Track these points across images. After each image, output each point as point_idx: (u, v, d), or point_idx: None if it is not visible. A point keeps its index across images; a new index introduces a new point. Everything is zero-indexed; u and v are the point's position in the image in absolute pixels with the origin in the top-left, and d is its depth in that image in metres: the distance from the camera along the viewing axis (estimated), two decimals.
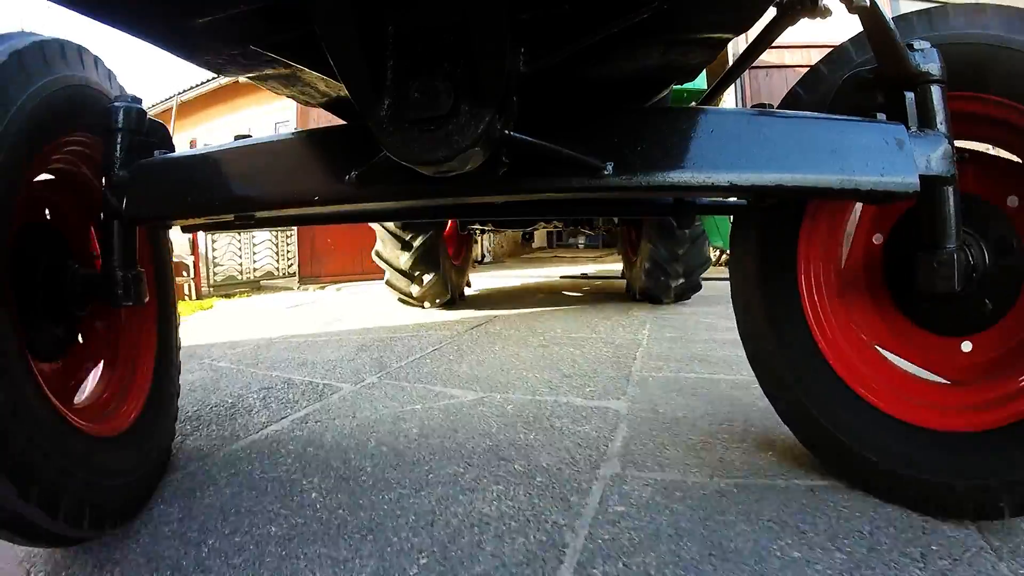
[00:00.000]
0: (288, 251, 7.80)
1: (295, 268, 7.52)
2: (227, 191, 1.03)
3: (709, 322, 3.25)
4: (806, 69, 1.24)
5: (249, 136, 1.12)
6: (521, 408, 1.70)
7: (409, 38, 0.77)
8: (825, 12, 1.10)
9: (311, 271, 7.35)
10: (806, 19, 1.16)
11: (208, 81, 11.37)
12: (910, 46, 1.00)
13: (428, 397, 1.86)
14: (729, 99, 6.35)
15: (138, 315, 1.35)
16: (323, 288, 6.69)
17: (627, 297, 4.46)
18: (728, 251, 6.47)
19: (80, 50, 1.10)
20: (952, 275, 0.96)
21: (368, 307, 4.69)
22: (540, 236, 11.98)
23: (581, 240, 12.29)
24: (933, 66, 0.98)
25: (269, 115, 10.86)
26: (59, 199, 1.19)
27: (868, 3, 0.98)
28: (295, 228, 7.43)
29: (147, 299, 1.13)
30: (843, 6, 1.02)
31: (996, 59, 1.00)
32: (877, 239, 1.23)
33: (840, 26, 1.16)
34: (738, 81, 5.65)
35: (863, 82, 1.06)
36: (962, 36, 1.03)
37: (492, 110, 0.73)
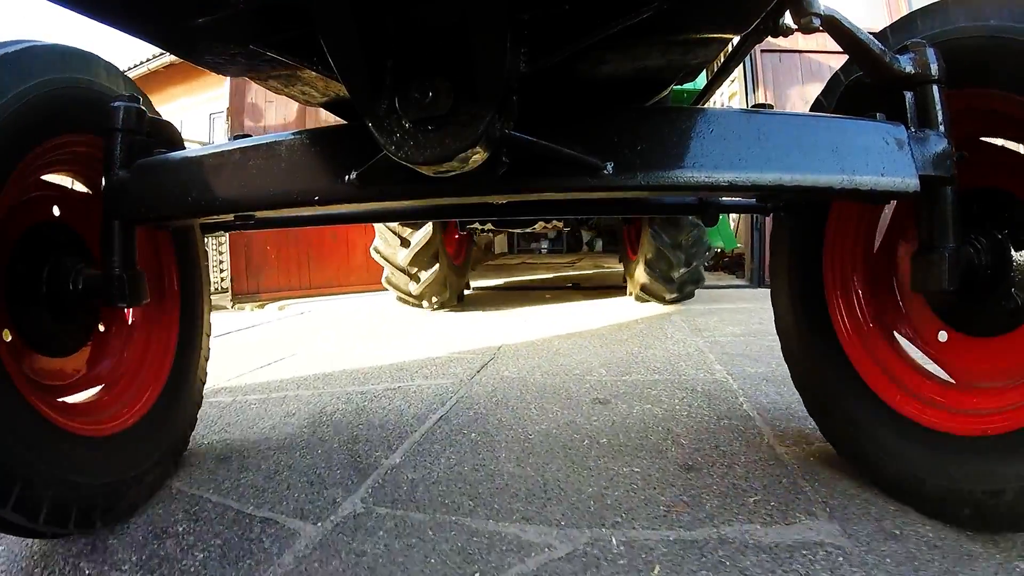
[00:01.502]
0: (220, 262, 6.11)
1: (228, 283, 5.93)
2: (227, 191, 1.02)
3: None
4: (820, 55, 1.25)
5: (249, 136, 1.12)
6: (679, 572, 0.89)
7: (409, 38, 0.77)
8: (788, 31, 1.11)
9: (247, 286, 5.84)
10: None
11: (136, 66, 10.00)
12: (904, 48, 1.00)
13: (479, 556, 0.95)
14: (738, 82, 6.28)
15: (156, 318, 1.35)
16: (262, 307, 5.34)
17: (640, 307, 4.13)
18: (729, 252, 6.47)
19: (81, 53, 1.12)
20: (943, 275, 0.96)
21: (322, 335, 3.39)
22: (500, 241, 11.24)
23: (544, 245, 11.66)
24: (929, 66, 0.98)
25: (203, 105, 9.81)
26: (77, 198, 1.20)
27: (818, 23, 0.99)
28: (226, 235, 5.90)
29: (147, 300, 1.13)
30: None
31: None
32: (943, 336, 1.20)
33: (860, 12, 1.16)
34: (748, 64, 5.57)
35: (866, 84, 1.06)
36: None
37: (492, 110, 0.73)
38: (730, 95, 6.73)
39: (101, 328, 1.26)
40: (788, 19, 1.10)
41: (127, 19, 0.84)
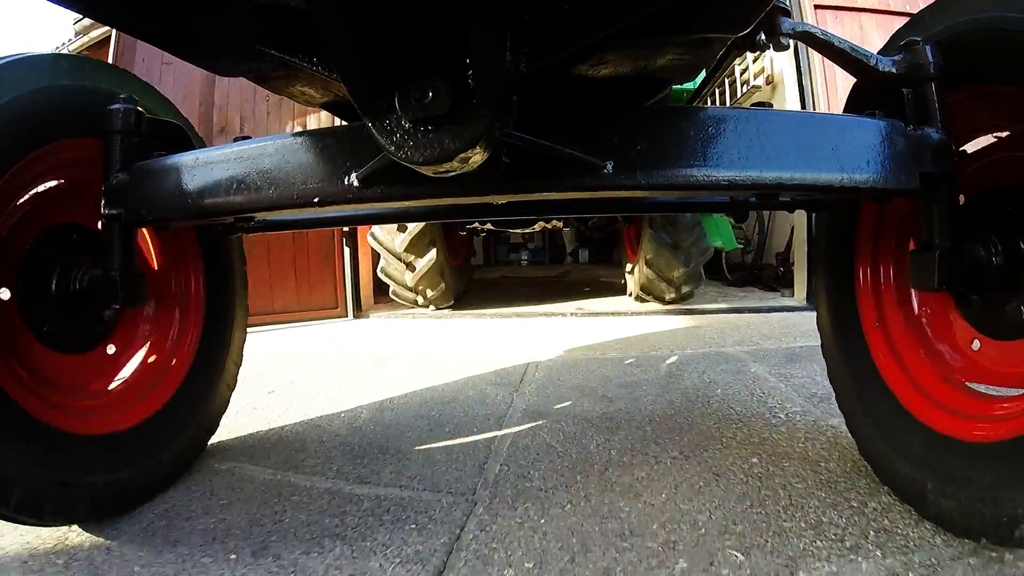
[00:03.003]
0: None
1: None
2: (226, 193, 1.02)
3: None
4: (882, 15, 1.23)
5: (249, 137, 1.12)
6: None
7: (409, 38, 0.77)
8: (764, 46, 1.12)
9: None
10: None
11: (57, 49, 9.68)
12: (900, 47, 1.01)
13: None
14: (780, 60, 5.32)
15: (175, 322, 1.35)
16: None
17: (680, 338, 3.08)
18: (728, 251, 6.34)
19: (82, 60, 1.13)
20: (933, 274, 0.96)
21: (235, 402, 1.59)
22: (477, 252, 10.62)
23: (524, 256, 11.09)
24: (926, 65, 0.98)
25: None
26: (94, 198, 1.20)
27: (789, 44, 1.03)
28: None
29: (144, 302, 1.14)
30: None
31: None
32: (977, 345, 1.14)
33: None
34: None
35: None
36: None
37: (492, 110, 0.73)
38: (755, 72, 5.34)
39: (114, 328, 1.26)
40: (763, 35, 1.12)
41: (127, 20, 0.84)
